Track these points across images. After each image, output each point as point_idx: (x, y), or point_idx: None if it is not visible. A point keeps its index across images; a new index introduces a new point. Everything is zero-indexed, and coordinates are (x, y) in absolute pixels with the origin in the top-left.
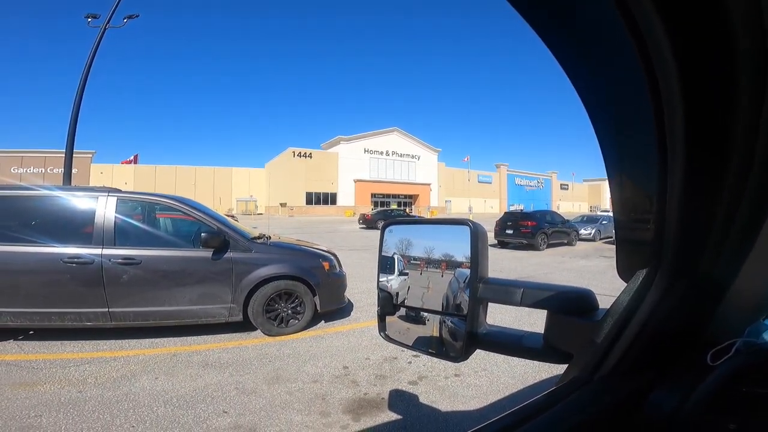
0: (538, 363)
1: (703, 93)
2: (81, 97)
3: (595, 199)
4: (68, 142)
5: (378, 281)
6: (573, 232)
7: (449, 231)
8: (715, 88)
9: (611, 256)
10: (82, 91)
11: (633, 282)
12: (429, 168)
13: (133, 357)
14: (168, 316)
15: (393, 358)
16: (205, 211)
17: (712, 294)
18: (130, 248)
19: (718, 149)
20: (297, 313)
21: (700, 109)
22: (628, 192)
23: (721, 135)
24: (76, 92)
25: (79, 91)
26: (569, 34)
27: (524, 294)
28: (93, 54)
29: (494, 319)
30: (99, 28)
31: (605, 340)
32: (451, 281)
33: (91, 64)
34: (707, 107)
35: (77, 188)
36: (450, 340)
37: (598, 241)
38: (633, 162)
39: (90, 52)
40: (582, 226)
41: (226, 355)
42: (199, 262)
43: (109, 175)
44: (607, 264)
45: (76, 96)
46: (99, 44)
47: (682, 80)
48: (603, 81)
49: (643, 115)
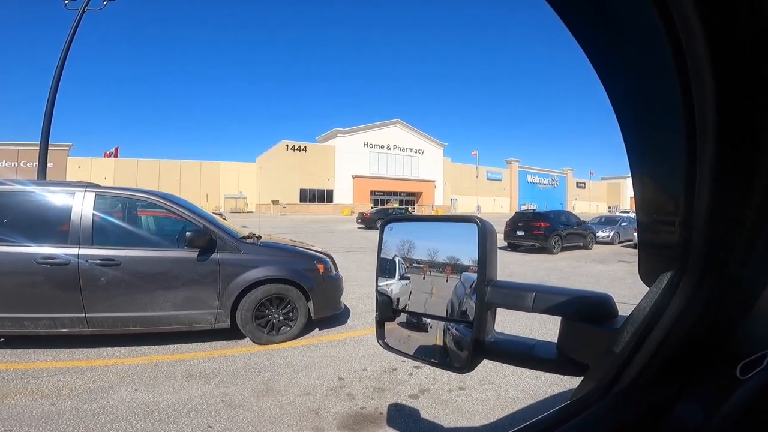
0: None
1: (737, 88)
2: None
3: (614, 198)
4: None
5: (377, 285)
6: (590, 234)
7: (455, 229)
8: (749, 82)
9: (631, 261)
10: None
11: (656, 287)
12: (434, 163)
13: (111, 366)
14: (149, 322)
15: (392, 369)
16: (190, 208)
17: (742, 301)
18: (109, 248)
19: (750, 147)
20: (289, 319)
21: (733, 105)
22: (653, 191)
23: (754, 133)
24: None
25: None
26: (597, 20)
27: (536, 298)
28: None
29: (503, 327)
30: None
31: (624, 350)
32: (456, 286)
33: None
34: (741, 103)
35: (52, 183)
36: (454, 350)
37: (616, 245)
38: (659, 159)
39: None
40: (599, 227)
41: (212, 364)
42: (184, 263)
43: (87, 170)
44: (627, 269)
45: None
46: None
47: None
48: (630, 72)
49: (671, 110)
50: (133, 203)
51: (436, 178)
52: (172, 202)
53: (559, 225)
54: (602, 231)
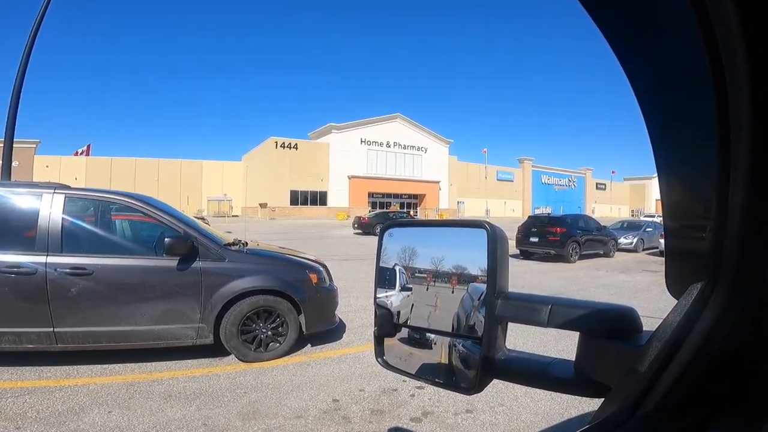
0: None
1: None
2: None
3: (637, 201)
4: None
5: (375, 297)
6: (611, 240)
7: (462, 235)
8: None
9: (657, 270)
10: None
11: (685, 299)
12: (438, 162)
13: (82, 386)
14: (124, 338)
15: (392, 389)
16: (169, 211)
17: None
18: (81, 256)
19: None
20: (278, 334)
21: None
22: (681, 193)
23: None
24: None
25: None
26: (622, 6)
27: (552, 312)
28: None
29: (514, 343)
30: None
31: (650, 369)
32: (463, 298)
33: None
34: None
35: (17, 184)
36: (461, 368)
37: (640, 252)
38: (688, 158)
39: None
40: (622, 233)
41: (194, 384)
42: (162, 272)
43: (56, 169)
44: (652, 279)
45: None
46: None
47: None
48: (658, 63)
49: (703, 104)
50: (107, 206)
51: (440, 178)
52: (149, 205)
53: (576, 230)
54: (625, 237)
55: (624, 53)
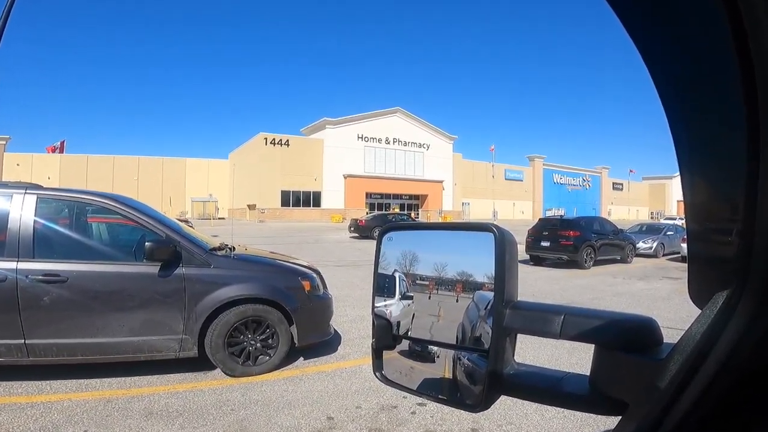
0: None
1: None
2: None
3: (657, 202)
4: None
5: (373, 306)
6: (628, 245)
7: (467, 239)
8: None
9: (678, 278)
10: None
11: (709, 308)
12: (442, 160)
13: (56, 403)
14: (101, 350)
15: (392, 406)
16: (150, 213)
17: None
18: (54, 262)
19: None
20: (268, 347)
21: None
22: (706, 194)
23: None
24: None
25: None
26: None
27: (565, 323)
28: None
29: (524, 356)
30: None
31: (671, 385)
32: (468, 307)
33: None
34: None
35: None
36: (466, 384)
37: (660, 258)
38: (714, 156)
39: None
40: (640, 237)
41: (176, 401)
42: (143, 279)
43: (27, 167)
44: (673, 287)
45: None
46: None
47: None
48: (682, 54)
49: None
50: (83, 208)
51: (444, 177)
52: (128, 207)
53: (591, 234)
54: (643, 241)
55: (644, 41)
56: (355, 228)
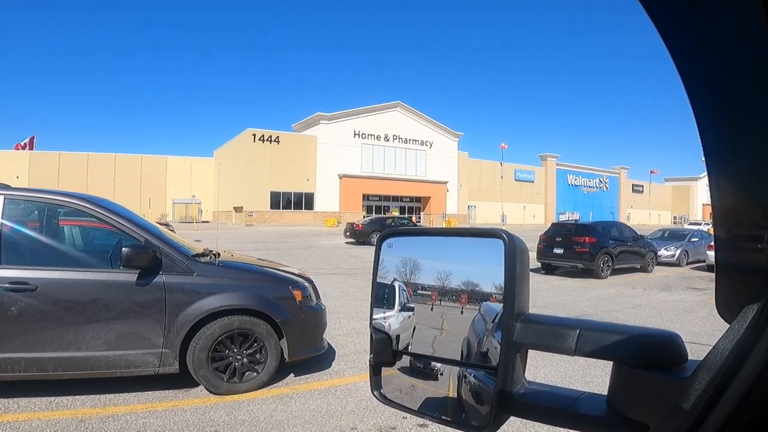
0: None
1: None
2: None
3: (681, 206)
4: None
5: (371, 318)
6: (649, 252)
7: (473, 246)
8: None
9: (704, 288)
10: None
11: (739, 323)
12: (446, 159)
13: (25, 422)
14: (74, 365)
15: (390, 427)
16: (128, 216)
17: None
18: (22, 268)
19: None
20: (256, 362)
21: None
22: (735, 198)
23: None
24: None
25: None
26: None
27: (580, 338)
28: None
29: (535, 374)
30: None
31: (697, 406)
32: (474, 319)
33: None
34: None
35: None
36: (472, 403)
37: (684, 267)
38: (744, 158)
39: None
40: (662, 244)
41: (155, 420)
42: (119, 288)
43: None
44: (698, 299)
45: None
46: None
47: None
48: (712, 47)
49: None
50: (54, 210)
51: (448, 178)
52: (104, 209)
53: (609, 241)
54: (665, 248)
55: (672, 34)
56: (350, 233)
